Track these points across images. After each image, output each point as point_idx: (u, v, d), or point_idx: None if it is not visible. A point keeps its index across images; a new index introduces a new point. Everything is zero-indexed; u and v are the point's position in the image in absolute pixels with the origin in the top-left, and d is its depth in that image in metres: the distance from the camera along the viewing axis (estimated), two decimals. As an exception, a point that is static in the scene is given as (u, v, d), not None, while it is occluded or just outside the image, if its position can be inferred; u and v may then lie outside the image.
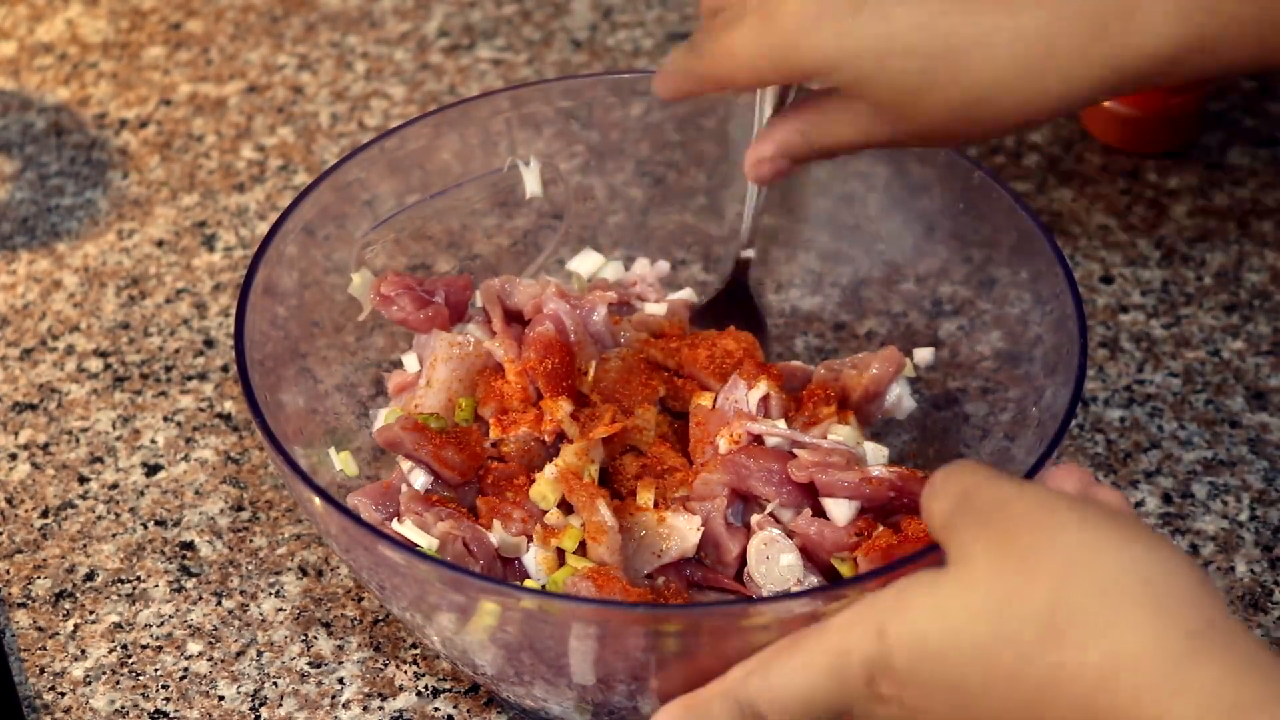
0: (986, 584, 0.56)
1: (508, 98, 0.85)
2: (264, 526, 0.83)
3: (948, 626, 0.56)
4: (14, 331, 0.93)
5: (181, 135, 1.04)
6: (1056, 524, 0.57)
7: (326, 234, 0.81)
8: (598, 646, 0.66)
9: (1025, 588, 0.55)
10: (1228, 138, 1.01)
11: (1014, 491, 0.59)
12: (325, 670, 0.77)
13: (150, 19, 1.12)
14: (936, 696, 0.57)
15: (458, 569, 0.67)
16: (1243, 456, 0.85)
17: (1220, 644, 0.53)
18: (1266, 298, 0.92)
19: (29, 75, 1.08)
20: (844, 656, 0.59)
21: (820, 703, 0.60)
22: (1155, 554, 0.56)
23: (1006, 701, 0.56)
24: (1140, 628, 0.54)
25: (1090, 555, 0.56)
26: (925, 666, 0.57)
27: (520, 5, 1.12)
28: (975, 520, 0.58)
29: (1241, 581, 0.80)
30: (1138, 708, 0.53)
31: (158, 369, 0.90)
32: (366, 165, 0.82)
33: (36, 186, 1.01)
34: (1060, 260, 0.76)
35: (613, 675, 0.67)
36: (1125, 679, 0.53)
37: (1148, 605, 0.54)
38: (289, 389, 0.77)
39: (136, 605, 0.80)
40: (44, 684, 0.77)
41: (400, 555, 0.66)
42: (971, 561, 0.57)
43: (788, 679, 0.61)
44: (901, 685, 0.58)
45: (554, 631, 0.65)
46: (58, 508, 0.84)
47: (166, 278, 0.95)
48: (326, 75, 1.07)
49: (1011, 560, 0.56)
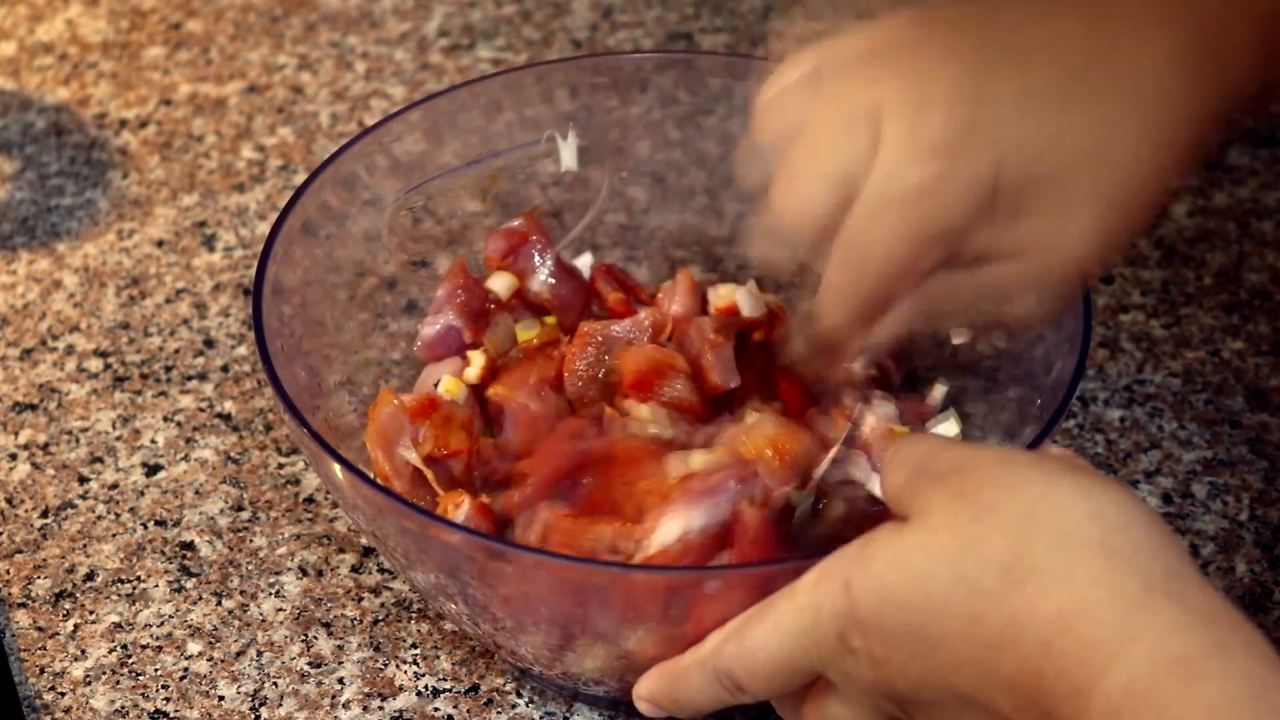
0: (947, 533, 0.57)
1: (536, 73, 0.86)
2: (264, 526, 0.83)
3: (909, 575, 0.57)
4: (14, 331, 0.93)
5: (181, 135, 1.04)
6: (1015, 478, 0.57)
7: (328, 232, 0.81)
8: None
9: (985, 537, 0.56)
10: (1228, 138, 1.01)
11: (970, 453, 0.59)
12: (325, 670, 0.77)
13: (150, 19, 1.12)
14: (900, 645, 0.57)
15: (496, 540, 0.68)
16: (1243, 456, 0.85)
17: (1175, 593, 0.54)
18: (1266, 298, 0.92)
19: (29, 75, 1.08)
20: (815, 613, 0.59)
21: (796, 663, 0.61)
22: (1116, 504, 0.56)
23: (966, 646, 0.56)
24: (1098, 576, 0.54)
25: (1050, 506, 0.56)
26: (888, 615, 0.57)
27: (520, 5, 1.12)
28: (933, 481, 0.59)
29: (1241, 581, 0.80)
30: (1092, 654, 0.53)
31: (158, 369, 0.90)
32: (361, 158, 0.82)
33: (36, 186, 1.01)
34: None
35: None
36: (1082, 626, 0.54)
37: (1106, 554, 0.54)
38: (291, 385, 0.77)
39: (136, 605, 0.80)
40: (44, 684, 0.77)
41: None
42: (931, 515, 0.58)
43: (762, 643, 0.61)
44: (869, 636, 0.58)
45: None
46: (58, 508, 0.84)
47: (166, 278, 0.95)
48: (326, 75, 1.07)
49: (971, 512, 0.57)
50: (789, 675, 0.61)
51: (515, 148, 0.86)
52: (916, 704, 0.59)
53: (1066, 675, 0.53)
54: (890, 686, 0.59)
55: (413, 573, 0.71)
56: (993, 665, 0.55)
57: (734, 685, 0.63)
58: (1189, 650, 0.52)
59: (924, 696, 0.58)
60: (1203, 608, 0.54)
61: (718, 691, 0.63)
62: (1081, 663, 0.53)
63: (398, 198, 0.83)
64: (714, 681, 0.63)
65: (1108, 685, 0.52)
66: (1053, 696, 0.54)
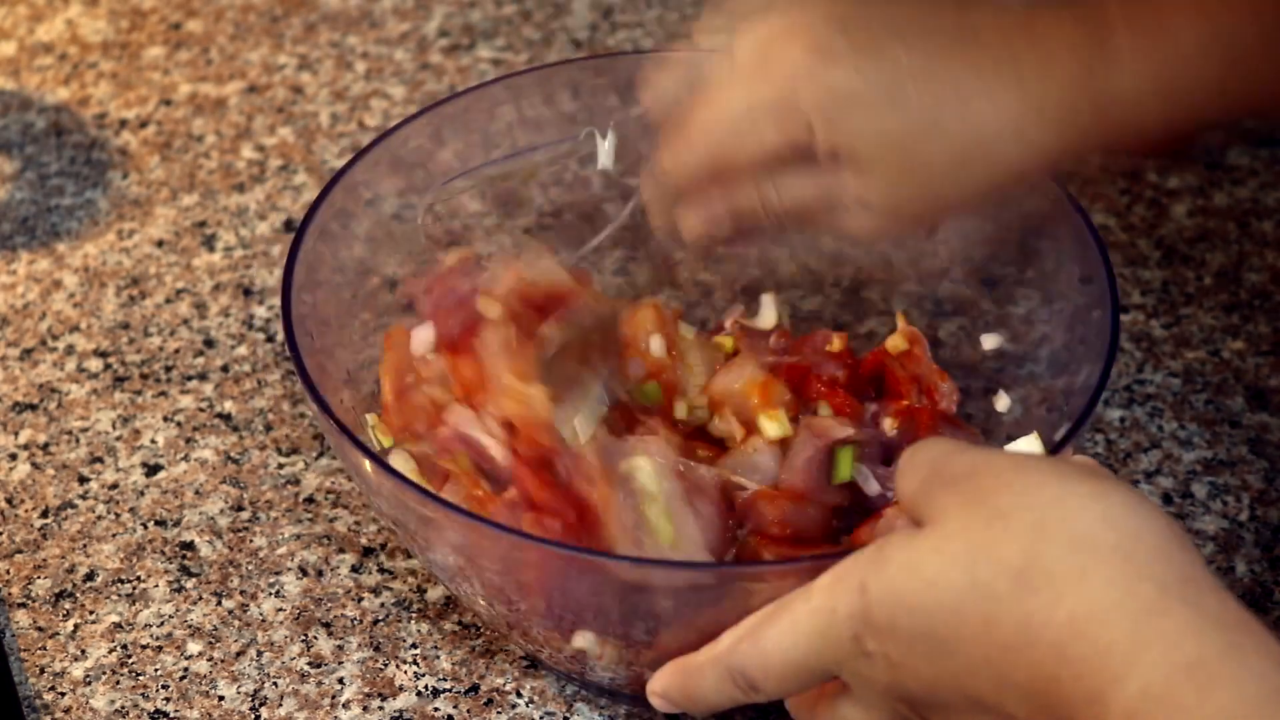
0: (961, 538, 0.57)
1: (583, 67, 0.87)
2: (264, 526, 0.83)
3: (924, 579, 0.57)
4: (14, 331, 0.93)
5: (181, 135, 1.04)
6: (1029, 482, 0.57)
7: (334, 232, 0.81)
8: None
9: (999, 542, 0.56)
10: (1228, 138, 1.01)
11: (983, 458, 0.59)
12: (325, 670, 0.77)
13: (150, 19, 1.12)
14: (914, 649, 0.57)
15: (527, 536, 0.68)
16: (1243, 456, 0.85)
17: (1190, 598, 0.54)
18: (1266, 298, 0.92)
19: (29, 75, 1.08)
20: (830, 615, 0.59)
21: (810, 664, 0.61)
22: (1129, 508, 0.56)
23: (980, 651, 0.56)
24: (1113, 580, 0.54)
25: (1063, 510, 0.56)
26: (903, 619, 0.57)
27: (520, 5, 1.12)
28: (946, 486, 0.59)
29: (1241, 581, 0.80)
30: (1107, 659, 0.53)
31: (158, 369, 0.90)
32: (369, 166, 0.82)
33: (36, 186, 1.01)
34: (1099, 248, 0.75)
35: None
36: (1096, 630, 0.54)
37: (1121, 558, 0.55)
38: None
39: (136, 605, 0.80)
40: (44, 684, 0.77)
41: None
42: (946, 520, 0.58)
43: (777, 642, 0.61)
44: (883, 640, 0.58)
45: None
46: (58, 508, 0.84)
47: (166, 278, 0.95)
48: (326, 75, 1.07)
49: (985, 517, 0.57)
50: (803, 676, 0.62)
51: (547, 145, 0.85)
52: (931, 707, 0.59)
53: (1082, 680, 0.53)
54: (904, 689, 0.59)
55: (430, 555, 0.71)
56: (1007, 670, 0.55)
57: (748, 684, 0.63)
58: (1204, 655, 0.52)
59: (938, 700, 0.58)
60: (1217, 612, 0.53)
61: (731, 690, 0.63)
62: (1097, 668, 0.53)
63: (436, 187, 0.83)
64: (728, 680, 0.63)
65: (1124, 691, 0.52)
66: (1068, 702, 0.54)
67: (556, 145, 0.85)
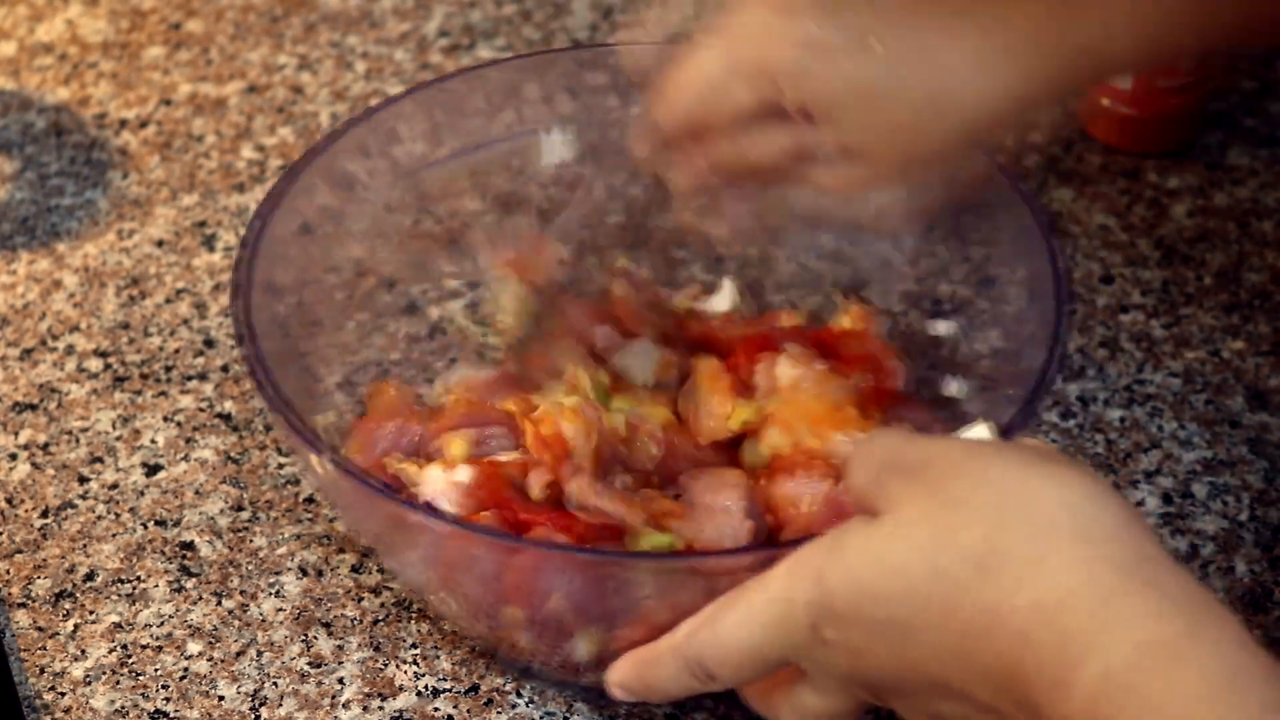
0: (920, 526, 0.57)
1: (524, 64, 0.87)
2: (264, 526, 0.83)
3: (885, 568, 0.57)
4: (14, 331, 0.93)
5: (181, 135, 1.04)
6: (984, 469, 0.58)
7: (325, 231, 0.81)
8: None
9: (958, 529, 0.56)
10: (1227, 138, 1.01)
11: (937, 446, 0.60)
12: (325, 670, 0.77)
13: (150, 19, 1.12)
14: (878, 636, 0.58)
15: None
16: (1243, 456, 0.85)
17: (1150, 578, 0.54)
18: (1266, 298, 0.92)
19: (29, 75, 1.08)
20: (787, 604, 0.60)
21: (767, 653, 0.61)
22: (1085, 491, 0.56)
23: (944, 638, 0.56)
24: (1073, 565, 0.54)
25: (1021, 494, 0.56)
26: (865, 608, 0.58)
27: (520, 5, 1.12)
28: (901, 475, 0.59)
29: (1241, 581, 0.80)
30: (1070, 643, 0.53)
31: (158, 369, 0.90)
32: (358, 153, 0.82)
33: (36, 186, 1.01)
34: (1042, 231, 0.76)
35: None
36: (1058, 615, 0.54)
37: (1080, 542, 0.55)
38: (288, 385, 0.77)
39: (136, 605, 0.80)
40: (44, 684, 0.77)
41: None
42: (903, 508, 0.58)
43: (733, 631, 0.62)
44: (843, 628, 0.58)
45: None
46: (58, 508, 0.84)
47: (166, 278, 0.95)
48: (326, 75, 1.08)
49: (943, 504, 0.57)
50: (759, 664, 0.62)
51: (504, 139, 0.86)
52: (892, 691, 0.59)
53: (1045, 665, 0.54)
54: (865, 676, 0.59)
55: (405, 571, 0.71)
56: (971, 656, 0.56)
57: (705, 673, 0.63)
58: (1165, 636, 0.53)
59: (902, 686, 0.59)
60: (1176, 592, 0.54)
61: (688, 679, 0.64)
62: (1060, 652, 0.53)
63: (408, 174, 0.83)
64: (685, 669, 0.64)
65: (1087, 674, 0.53)
66: (1033, 687, 0.54)
67: (505, 142, 0.86)
